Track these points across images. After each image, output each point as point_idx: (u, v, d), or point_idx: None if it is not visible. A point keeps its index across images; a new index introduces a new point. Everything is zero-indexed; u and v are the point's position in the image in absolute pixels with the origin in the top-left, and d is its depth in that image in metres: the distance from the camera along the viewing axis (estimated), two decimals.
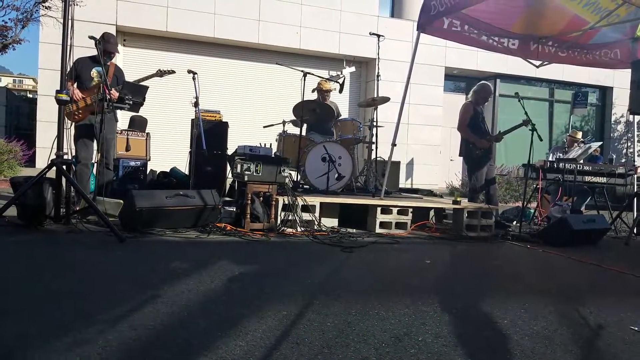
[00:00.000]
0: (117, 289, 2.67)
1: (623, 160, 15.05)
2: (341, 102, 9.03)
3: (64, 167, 4.21)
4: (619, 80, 15.01)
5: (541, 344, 2.20)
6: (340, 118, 6.67)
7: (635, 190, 6.68)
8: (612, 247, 5.41)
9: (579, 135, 7.80)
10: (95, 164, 5.26)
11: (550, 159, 7.21)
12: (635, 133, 8.76)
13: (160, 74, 5.34)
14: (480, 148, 6.13)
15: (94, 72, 5.21)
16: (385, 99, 6.41)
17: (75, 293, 2.57)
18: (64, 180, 4.28)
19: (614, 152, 15.05)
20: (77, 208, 4.62)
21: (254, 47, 12.54)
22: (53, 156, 4.16)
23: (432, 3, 5.41)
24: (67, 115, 4.97)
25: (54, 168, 4.16)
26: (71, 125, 5.04)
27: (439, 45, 11.84)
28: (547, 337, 2.29)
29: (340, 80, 6.31)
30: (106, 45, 5.03)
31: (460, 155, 6.44)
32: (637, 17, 6.29)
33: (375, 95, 6.49)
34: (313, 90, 6.70)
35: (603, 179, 6.48)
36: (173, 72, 5.44)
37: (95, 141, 5.23)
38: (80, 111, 5.04)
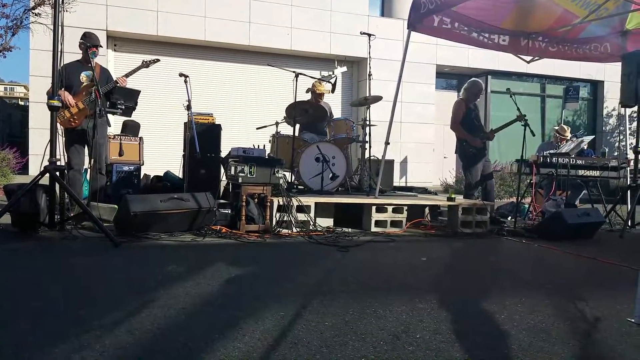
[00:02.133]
0: (113, 294, 2.66)
1: (615, 153, 15.14)
2: (333, 102, 9.06)
3: (57, 173, 4.19)
4: (610, 74, 15.11)
5: (538, 338, 2.20)
6: (333, 118, 6.68)
7: (629, 182, 6.72)
8: (606, 240, 5.43)
9: (568, 132, 7.75)
10: (89, 170, 5.24)
11: None
12: (627, 126, 8.82)
13: (146, 64, 5.27)
14: (474, 146, 6.15)
15: (83, 77, 5.17)
16: (378, 98, 6.42)
17: (72, 299, 2.56)
18: (57, 186, 4.26)
19: (607, 146, 15.15)
20: (72, 214, 4.60)
21: (245, 49, 12.54)
22: (46, 163, 4.14)
23: (422, 1, 5.42)
24: (63, 122, 4.94)
25: (48, 175, 4.14)
26: (62, 132, 5.01)
27: (429, 43, 11.88)
28: (545, 331, 2.30)
29: (332, 80, 6.31)
30: (90, 41, 5.00)
31: (455, 152, 6.46)
32: (625, 11, 6.33)
33: (368, 95, 6.51)
34: (307, 91, 6.71)
35: (596, 173, 6.52)
36: (157, 60, 5.37)
37: (86, 147, 5.21)
38: (75, 117, 5.01)
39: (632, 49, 6.69)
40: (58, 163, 4.24)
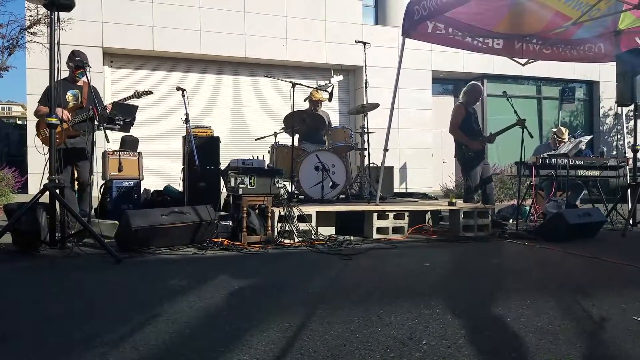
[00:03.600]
0: (116, 310, 2.65)
1: (614, 152, 15.16)
2: (331, 110, 9.06)
3: (57, 191, 4.18)
4: (605, 73, 15.17)
5: (545, 340, 2.19)
6: (331, 126, 6.69)
7: (628, 181, 6.72)
8: (609, 240, 5.43)
9: (566, 135, 7.75)
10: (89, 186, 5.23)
11: None
12: (624, 125, 8.84)
13: (138, 95, 5.25)
14: (473, 149, 6.16)
15: (69, 96, 5.15)
16: (375, 105, 6.43)
17: (75, 316, 2.54)
18: (57, 204, 4.25)
19: (605, 145, 15.18)
20: (72, 232, 4.59)
21: (241, 62, 12.59)
22: (45, 181, 4.14)
23: (415, 8, 5.46)
24: (44, 139, 4.92)
25: (47, 193, 4.13)
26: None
27: (424, 49, 11.91)
28: (551, 332, 2.29)
29: (329, 89, 6.33)
30: (79, 61, 4.97)
31: (455, 156, 6.47)
32: (617, 11, 6.37)
33: (365, 102, 6.52)
34: (305, 100, 6.73)
35: (596, 172, 6.53)
36: (150, 92, 5.35)
37: (71, 165, 5.21)
38: (57, 136, 4.97)
39: (625, 49, 6.74)
40: (57, 181, 4.23)
